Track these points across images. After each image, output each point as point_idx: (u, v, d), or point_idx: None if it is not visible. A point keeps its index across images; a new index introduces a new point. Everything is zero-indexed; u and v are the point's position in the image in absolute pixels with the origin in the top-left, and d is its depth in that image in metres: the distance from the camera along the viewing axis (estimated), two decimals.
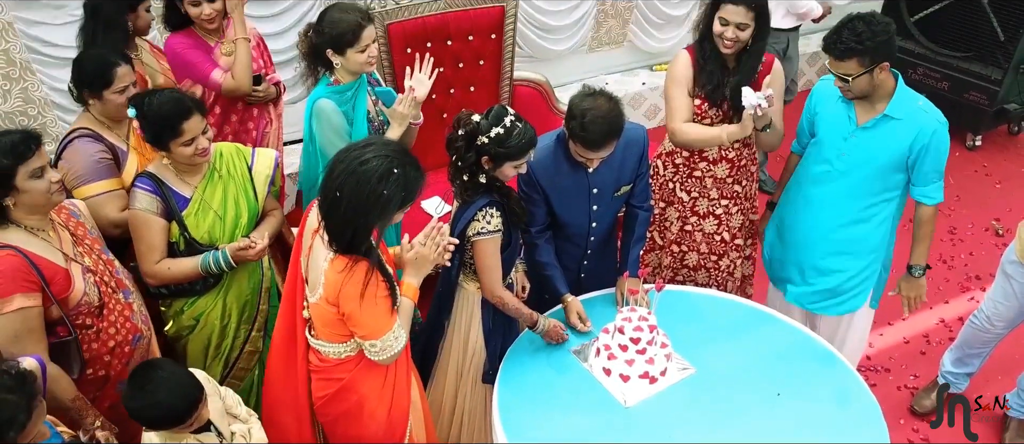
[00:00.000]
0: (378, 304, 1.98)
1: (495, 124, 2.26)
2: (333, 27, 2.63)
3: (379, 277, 1.98)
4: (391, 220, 2.00)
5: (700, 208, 3.10)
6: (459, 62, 3.85)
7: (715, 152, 2.98)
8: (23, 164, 1.92)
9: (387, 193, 1.89)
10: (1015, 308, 3.04)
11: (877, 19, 2.48)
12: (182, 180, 2.36)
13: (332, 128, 2.66)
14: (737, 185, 3.06)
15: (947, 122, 2.60)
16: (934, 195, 2.67)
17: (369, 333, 2.02)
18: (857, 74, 2.50)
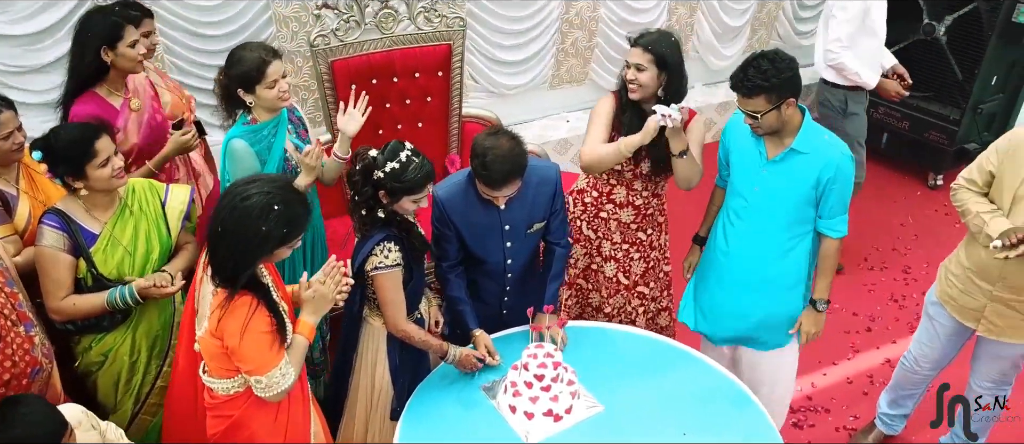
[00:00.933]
0: (261, 340, 2.00)
1: (391, 159, 2.30)
2: (239, 65, 2.68)
3: (264, 312, 2.00)
4: (276, 256, 2.03)
5: (603, 249, 3.15)
6: (406, 98, 3.89)
7: (623, 195, 3.02)
8: None
9: (266, 229, 1.93)
10: (939, 349, 3.04)
11: (781, 56, 2.52)
12: (91, 216, 2.39)
13: (243, 168, 2.68)
14: (641, 232, 3.10)
15: (852, 156, 2.65)
16: (839, 228, 2.70)
17: (253, 369, 2.03)
18: (765, 111, 2.53)
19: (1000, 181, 2.68)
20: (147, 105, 3.07)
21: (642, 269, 3.16)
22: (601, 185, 3.06)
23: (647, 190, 3.02)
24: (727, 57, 5.78)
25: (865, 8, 4.00)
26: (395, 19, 3.71)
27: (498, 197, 2.53)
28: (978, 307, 2.80)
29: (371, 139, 3.89)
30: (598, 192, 3.07)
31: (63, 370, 2.57)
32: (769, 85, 2.49)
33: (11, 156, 2.49)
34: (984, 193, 2.75)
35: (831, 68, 4.16)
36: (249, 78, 2.68)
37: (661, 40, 2.78)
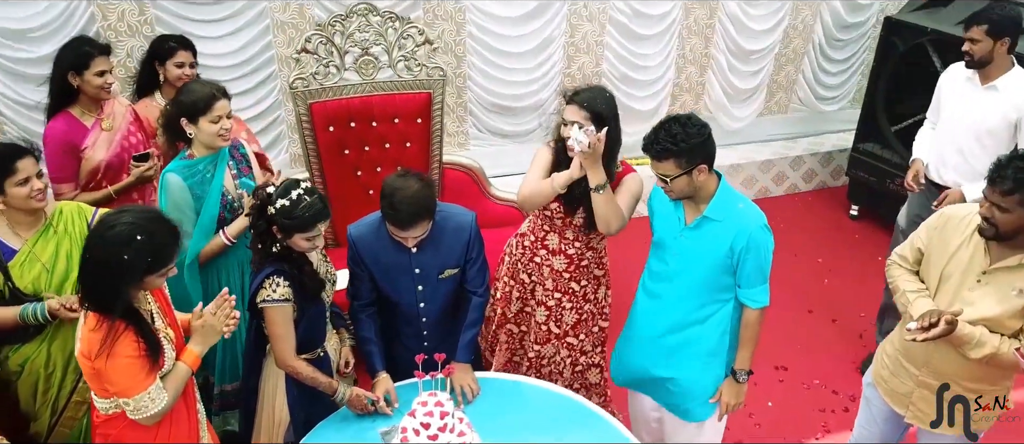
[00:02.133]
0: (127, 363, 2.07)
1: (282, 195, 2.36)
2: (188, 95, 2.82)
3: (130, 336, 2.07)
4: (146, 284, 2.11)
5: (536, 294, 3.14)
6: (385, 142, 3.99)
7: (556, 242, 3.01)
8: None
9: (129, 258, 2.01)
10: (877, 435, 2.89)
11: (693, 121, 2.48)
12: (13, 232, 2.54)
13: (173, 202, 2.79)
14: (574, 283, 3.07)
15: (767, 225, 2.56)
16: (758, 298, 2.61)
17: (119, 391, 2.10)
18: (675, 175, 2.49)
19: (928, 259, 2.58)
20: (121, 127, 3.30)
21: (573, 320, 3.13)
22: (537, 230, 3.06)
23: (579, 241, 3.00)
24: (740, 119, 5.70)
25: None
26: (375, 66, 3.83)
27: (406, 238, 2.57)
28: (906, 392, 2.67)
29: (350, 180, 4.02)
30: (535, 237, 3.08)
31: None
32: (678, 149, 2.45)
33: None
34: (916, 271, 2.64)
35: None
36: (195, 108, 2.80)
37: (597, 97, 2.79)
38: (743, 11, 5.34)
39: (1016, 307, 2.36)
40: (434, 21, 4.74)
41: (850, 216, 5.57)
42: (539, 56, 4.98)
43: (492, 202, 4.32)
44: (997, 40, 3.39)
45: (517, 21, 4.85)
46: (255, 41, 4.44)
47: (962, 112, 3.59)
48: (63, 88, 3.13)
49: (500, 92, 5.05)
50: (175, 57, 3.46)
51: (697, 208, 2.60)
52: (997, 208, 2.30)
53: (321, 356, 2.64)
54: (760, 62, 5.61)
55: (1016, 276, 2.36)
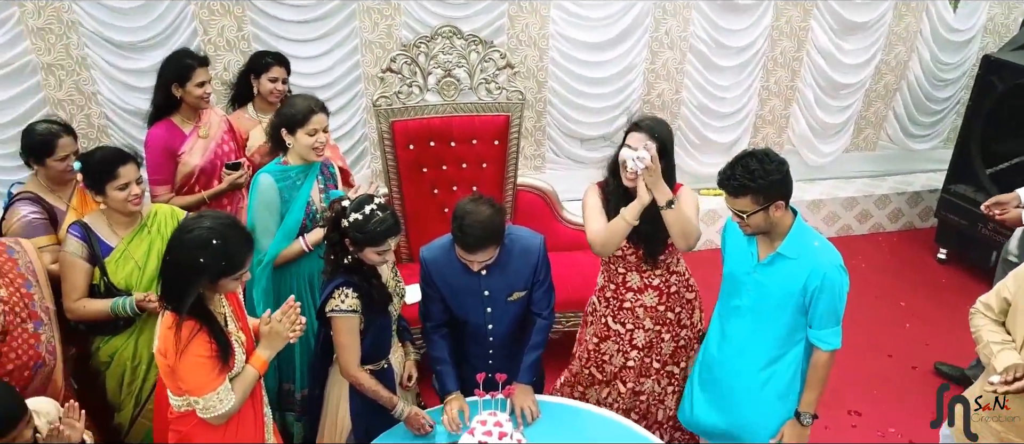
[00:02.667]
0: (199, 363, 2.18)
1: (356, 209, 2.44)
2: (289, 108, 2.98)
3: (204, 337, 2.18)
4: (220, 286, 2.22)
5: (637, 339, 3.05)
6: (462, 162, 4.07)
7: (638, 280, 2.98)
8: None
9: (204, 261, 2.12)
10: None
11: (771, 157, 2.45)
12: (112, 231, 2.72)
13: (262, 202, 2.94)
14: (669, 312, 3.03)
15: (842, 265, 2.50)
16: (830, 340, 2.55)
17: (190, 389, 2.21)
18: (751, 211, 2.47)
19: (1015, 310, 2.47)
20: (216, 136, 3.51)
21: (672, 349, 3.09)
22: (615, 277, 3.02)
23: (659, 268, 2.97)
24: (825, 154, 5.56)
25: None
26: (457, 88, 3.92)
27: (473, 262, 2.62)
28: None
29: (427, 197, 4.11)
30: (615, 285, 3.03)
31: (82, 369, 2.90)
32: (756, 186, 2.42)
33: (65, 176, 2.90)
34: (1001, 322, 2.53)
35: None
36: (294, 120, 2.95)
37: (661, 125, 2.79)
38: (835, 45, 5.23)
39: None
40: (518, 47, 4.82)
41: (937, 260, 5.35)
42: (619, 82, 5.00)
43: (564, 225, 4.34)
44: None
45: (599, 47, 4.88)
46: (344, 60, 4.61)
47: None
48: (166, 97, 3.35)
49: (579, 118, 5.08)
50: (270, 72, 3.64)
51: (771, 244, 2.56)
52: None
53: (385, 368, 2.71)
54: (850, 97, 5.47)
55: None
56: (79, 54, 4.25)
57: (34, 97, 4.25)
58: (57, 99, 4.30)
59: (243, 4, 4.35)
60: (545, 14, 4.78)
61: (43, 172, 2.93)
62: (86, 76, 4.31)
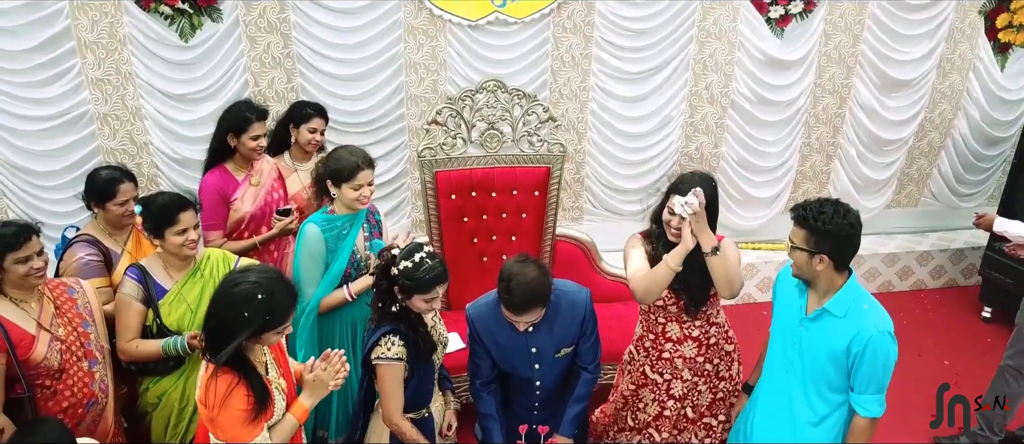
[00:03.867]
0: (236, 415, 2.22)
1: (406, 258, 2.49)
2: (336, 162, 3.05)
3: (243, 390, 2.23)
4: (263, 340, 2.27)
5: (675, 390, 3.04)
6: (503, 212, 4.12)
7: (677, 331, 2.98)
8: (12, 252, 2.45)
9: (248, 315, 2.18)
10: None
11: (850, 216, 2.44)
12: (167, 274, 2.80)
13: (307, 251, 3.00)
14: (708, 364, 3.02)
15: (890, 331, 2.46)
16: (870, 407, 2.51)
17: (225, 438, 2.25)
18: (798, 246, 2.48)
19: None
20: (266, 184, 3.61)
21: (708, 401, 3.07)
22: (654, 327, 3.03)
23: (700, 319, 2.97)
24: (867, 209, 5.50)
25: None
26: (499, 140, 3.99)
27: (519, 322, 2.64)
28: None
29: (467, 246, 4.15)
30: (654, 334, 3.04)
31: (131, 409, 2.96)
32: (812, 226, 2.43)
33: (123, 221, 3.01)
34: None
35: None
36: (341, 175, 3.03)
37: (703, 181, 2.81)
38: (879, 101, 5.23)
39: None
40: (560, 100, 4.90)
41: (982, 318, 5.23)
42: (658, 135, 5.04)
43: (602, 277, 4.34)
44: None
45: (638, 101, 4.94)
46: (390, 112, 4.72)
47: None
48: (221, 146, 3.45)
49: (617, 170, 5.12)
50: (310, 123, 3.76)
51: (820, 300, 2.55)
52: None
53: (426, 417, 2.72)
54: (893, 154, 5.45)
55: None
56: (134, 104, 4.41)
57: (89, 145, 4.41)
58: (110, 148, 4.45)
59: (293, 58, 4.50)
60: (586, 68, 4.86)
61: (103, 216, 3.03)
62: (139, 126, 4.46)
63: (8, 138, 4.25)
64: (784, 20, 4.88)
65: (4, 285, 2.52)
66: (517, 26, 4.61)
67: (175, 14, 4.20)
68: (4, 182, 4.36)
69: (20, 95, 4.17)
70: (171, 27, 4.23)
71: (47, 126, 4.28)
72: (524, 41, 4.67)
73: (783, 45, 4.96)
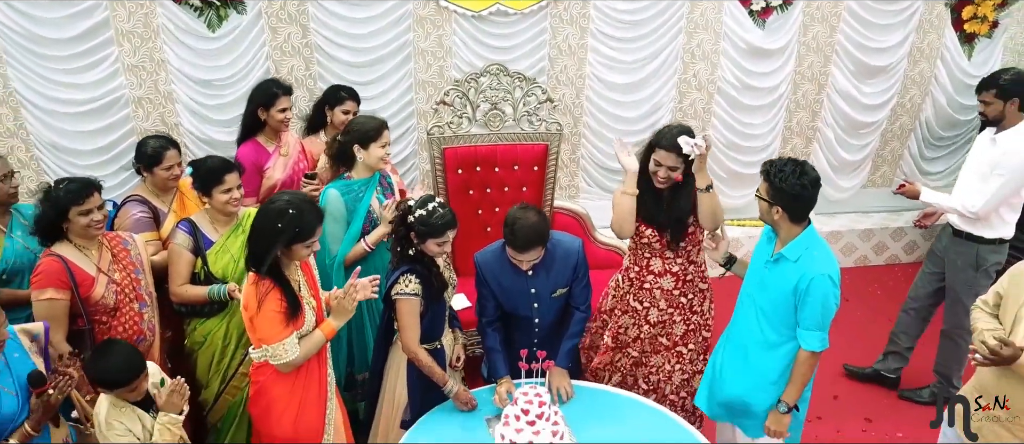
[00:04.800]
0: (272, 316, 2.63)
1: (421, 207, 2.88)
2: (362, 126, 3.47)
3: (278, 295, 2.63)
4: (294, 252, 2.67)
5: (651, 317, 3.47)
6: (505, 186, 4.50)
7: (659, 265, 3.38)
8: (76, 205, 2.84)
9: (281, 227, 2.58)
10: None
11: (805, 174, 2.80)
12: (214, 228, 3.19)
13: (330, 213, 3.38)
14: (683, 297, 3.42)
15: (832, 276, 2.80)
16: (810, 342, 2.87)
17: (262, 337, 2.65)
18: (759, 196, 2.87)
19: (1006, 301, 2.80)
20: (293, 155, 4.01)
21: (682, 331, 3.47)
22: (640, 260, 3.45)
23: (681, 257, 3.37)
24: (844, 189, 5.91)
25: None
26: (501, 119, 4.37)
27: (523, 261, 3.02)
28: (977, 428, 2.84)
29: (472, 217, 4.53)
30: (639, 267, 3.46)
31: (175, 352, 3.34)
32: (771, 181, 2.82)
33: (169, 183, 3.40)
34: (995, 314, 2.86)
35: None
36: (368, 136, 3.44)
37: (683, 132, 3.16)
38: (854, 87, 5.62)
39: None
40: (557, 86, 5.28)
41: None
42: (649, 119, 5.43)
43: (596, 246, 4.73)
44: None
45: (630, 88, 5.33)
46: (399, 98, 5.10)
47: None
48: (253, 120, 3.84)
49: (611, 152, 5.49)
50: (344, 105, 4.14)
51: (780, 246, 2.92)
52: None
53: (438, 348, 3.10)
54: (868, 137, 5.84)
55: None
56: (166, 89, 4.79)
57: (124, 127, 4.78)
58: (143, 129, 4.81)
59: (311, 47, 4.88)
60: (582, 57, 5.25)
61: (151, 179, 3.42)
62: (170, 109, 4.84)
63: (50, 120, 4.63)
64: (765, 12, 5.27)
65: (69, 234, 2.90)
66: (517, 17, 5.00)
67: (203, 6, 4.59)
68: (46, 161, 4.73)
69: (61, 80, 4.55)
70: (200, 18, 4.62)
71: (86, 109, 4.66)
72: (523, 30, 5.05)
73: (765, 35, 5.34)
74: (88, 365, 2.61)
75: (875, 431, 4.15)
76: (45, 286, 2.81)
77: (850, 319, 5.12)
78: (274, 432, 2.80)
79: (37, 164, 4.72)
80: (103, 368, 2.55)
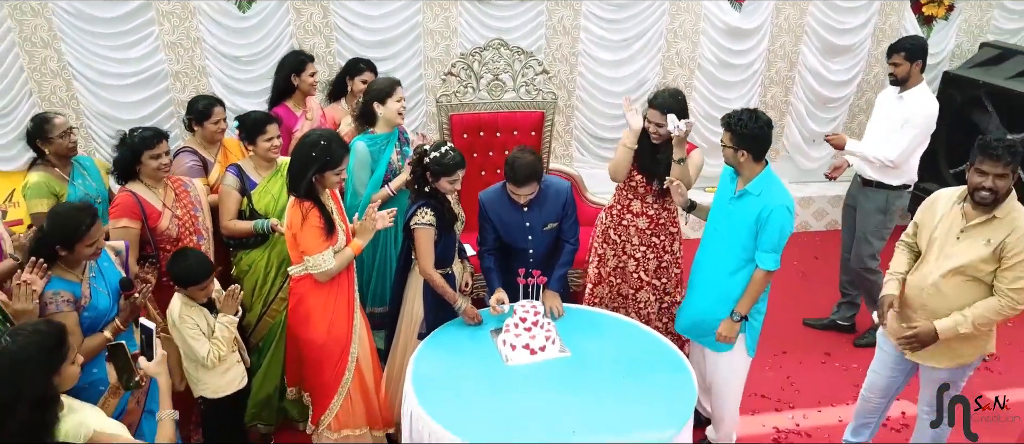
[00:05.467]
0: (313, 230, 3.19)
1: (435, 150, 3.43)
2: (379, 86, 4.04)
3: (317, 213, 3.19)
4: (326, 179, 3.22)
5: (627, 249, 4.03)
6: (505, 149, 5.01)
7: (638, 207, 3.94)
8: (148, 150, 3.38)
9: (315, 154, 3.14)
10: (886, 377, 3.58)
11: (760, 118, 3.31)
12: (257, 172, 3.74)
13: (359, 161, 3.93)
14: (655, 238, 3.97)
15: (790, 207, 3.34)
16: (766, 262, 3.39)
17: (305, 249, 3.21)
18: (725, 145, 3.38)
19: (921, 228, 3.35)
20: (316, 119, 4.55)
21: (655, 266, 4.03)
22: (623, 200, 4.00)
23: (657, 204, 3.93)
24: (815, 159, 6.46)
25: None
26: (502, 89, 4.91)
27: (520, 195, 3.56)
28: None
29: (476, 179, 5.05)
30: (620, 206, 4.01)
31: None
32: (734, 130, 3.32)
33: (216, 136, 3.96)
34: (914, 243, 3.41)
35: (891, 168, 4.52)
36: (385, 93, 3.99)
37: (673, 97, 3.73)
38: (823, 65, 6.17)
39: (986, 254, 3.10)
40: (553, 63, 5.84)
41: None
42: (636, 93, 5.96)
43: (588, 205, 5.26)
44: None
45: (618, 64, 5.89)
46: (410, 74, 5.66)
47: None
48: (285, 85, 4.40)
49: (602, 123, 6.06)
50: (362, 75, 4.69)
51: (743, 183, 3.44)
52: (999, 178, 3.03)
53: (449, 273, 3.65)
54: (836, 110, 6.40)
55: (985, 230, 3.12)
56: (200, 64, 5.34)
57: (163, 98, 5.34)
58: (180, 100, 5.36)
59: (331, 26, 5.43)
60: (575, 36, 5.80)
61: (200, 132, 3.97)
62: (205, 82, 5.38)
63: (98, 92, 5.18)
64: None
65: (141, 175, 3.45)
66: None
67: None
68: (94, 128, 5.29)
69: (109, 56, 5.11)
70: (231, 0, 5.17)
71: (129, 82, 5.22)
72: (523, 12, 5.62)
73: (741, 17, 5.89)
74: (169, 266, 3.20)
75: (832, 361, 4.71)
76: (120, 216, 3.36)
77: (820, 276, 5.66)
78: (311, 337, 3.35)
79: (86, 131, 5.27)
80: (182, 268, 3.12)
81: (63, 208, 2.90)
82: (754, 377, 4.37)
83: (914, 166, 4.57)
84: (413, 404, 3.06)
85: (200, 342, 3.15)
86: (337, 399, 3.48)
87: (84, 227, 2.76)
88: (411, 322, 3.68)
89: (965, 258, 3.15)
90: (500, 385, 3.22)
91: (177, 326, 3.13)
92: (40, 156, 3.66)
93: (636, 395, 3.16)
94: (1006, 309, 3.10)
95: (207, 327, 3.18)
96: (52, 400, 2.12)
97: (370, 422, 3.62)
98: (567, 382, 3.23)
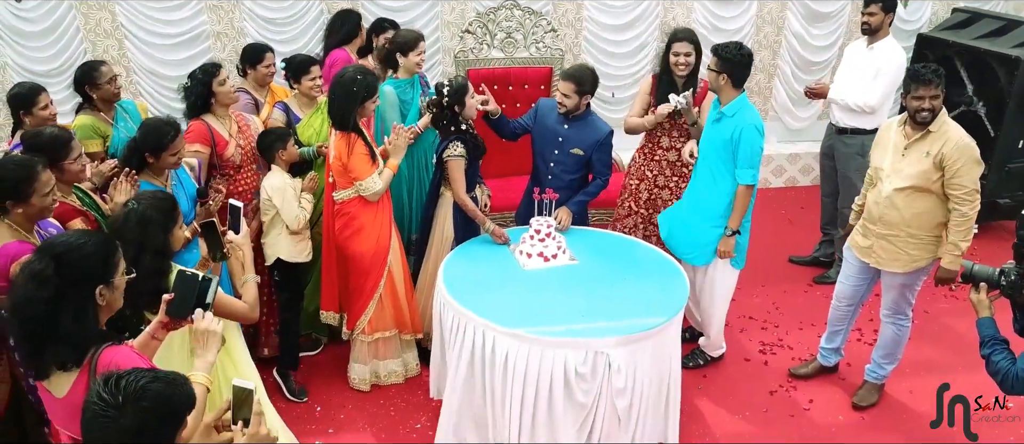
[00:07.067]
0: (361, 157, 3.72)
1: (446, 85, 4.00)
2: (403, 38, 4.55)
3: (362, 141, 3.72)
4: (364, 108, 3.75)
5: (659, 182, 4.53)
6: (517, 102, 5.54)
7: (667, 142, 4.45)
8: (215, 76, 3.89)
9: (355, 89, 3.67)
10: (851, 286, 4.11)
11: (742, 51, 3.84)
12: (301, 109, 4.27)
13: (388, 102, 4.45)
14: (685, 167, 4.45)
15: (759, 126, 3.86)
16: (744, 177, 3.91)
17: (358, 175, 3.73)
18: (711, 68, 3.90)
19: (875, 155, 3.89)
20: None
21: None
22: (653, 138, 4.51)
23: (683, 138, 4.43)
24: (802, 119, 6.98)
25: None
26: (514, 46, 5.43)
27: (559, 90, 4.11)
28: (868, 245, 3.91)
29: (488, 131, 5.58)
30: (652, 144, 4.52)
31: None
32: (719, 55, 3.85)
33: (266, 78, 4.48)
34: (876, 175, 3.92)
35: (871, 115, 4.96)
36: (408, 46, 4.50)
37: (690, 34, 4.28)
38: (805, 30, 6.68)
39: (928, 166, 3.62)
40: (560, 27, 6.34)
41: None
42: (635, 56, 6.50)
43: None
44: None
45: (619, 28, 6.40)
46: (429, 35, 6.15)
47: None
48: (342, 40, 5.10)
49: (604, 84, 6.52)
50: (386, 33, 5.20)
51: (722, 106, 3.96)
52: (934, 98, 3.58)
53: (474, 196, 4.17)
54: (819, 73, 6.90)
55: (923, 144, 3.64)
56: (239, 26, 5.86)
57: (205, 57, 5.83)
58: (220, 58, 5.88)
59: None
60: (580, 3, 6.32)
61: (252, 75, 4.49)
62: (242, 42, 5.88)
63: (148, 50, 5.71)
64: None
65: (214, 105, 3.95)
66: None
67: None
68: (143, 84, 5.82)
69: (157, 17, 5.64)
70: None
71: (175, 42, 5.75)
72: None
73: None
74: (259, 140, 3.92)
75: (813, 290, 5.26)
76: (194, 141, 3.88)
77: (805, 223, 6.17)
78: (362, 250, 3.88)
79: (135, 87, 5.80)
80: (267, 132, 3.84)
81: (152, 121, 3.42)
82: (744, 303, 4.96)
83: (886, 110, 5.07)
84: (444, 295, 3.58)
85: (293, 205, 3.78)
86: (372, 304, 4.00)
87: (169, 138, 3.29)
88: (442, 239, 4.20)
89: (912, 170, 3.67)
90: (518, 284, 3.73)
91: (279, 188, 3.78)
92: (87, 101, 4.13)
93: (635, 292, 3.67)
94: (968, 211, 3.60)
95: (295, 195, 3.86)
96: (168, 253, 2.65)
97: (399, 326, 4.16)
98: (575, 282, 3.75)
